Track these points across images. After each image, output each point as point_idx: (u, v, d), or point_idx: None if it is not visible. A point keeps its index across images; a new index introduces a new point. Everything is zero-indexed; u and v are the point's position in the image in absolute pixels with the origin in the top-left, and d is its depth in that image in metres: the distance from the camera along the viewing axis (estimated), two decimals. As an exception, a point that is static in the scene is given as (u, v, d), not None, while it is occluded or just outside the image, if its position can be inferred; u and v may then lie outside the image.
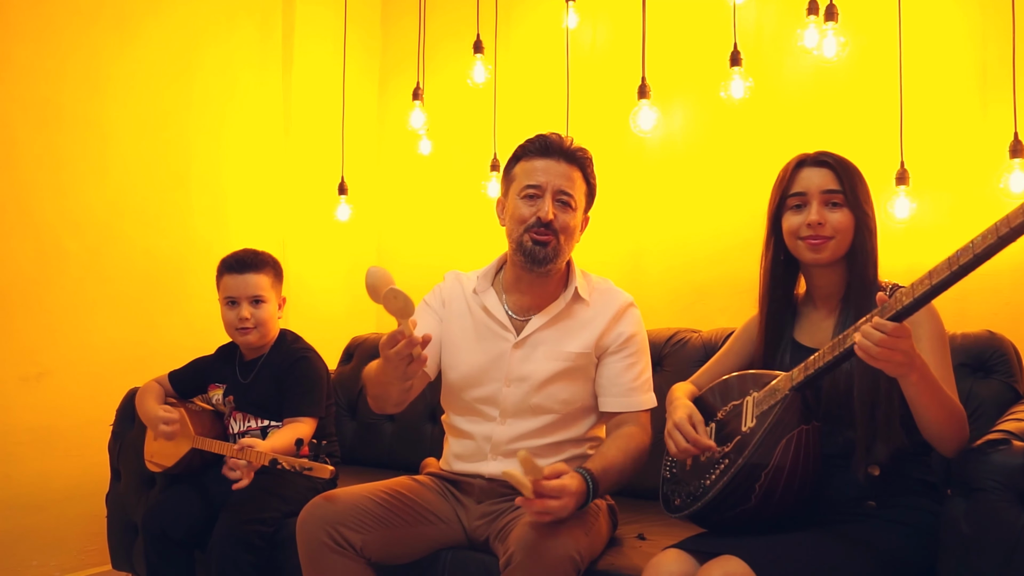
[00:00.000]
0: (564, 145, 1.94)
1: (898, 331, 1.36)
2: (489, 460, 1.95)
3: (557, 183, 1.89)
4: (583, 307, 1.97)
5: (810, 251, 1.67)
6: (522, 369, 1.93)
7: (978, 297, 2.41)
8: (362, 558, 1.79)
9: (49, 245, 2.76)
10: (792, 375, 1.55)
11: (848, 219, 1.66)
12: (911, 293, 1.34)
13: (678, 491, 1.71)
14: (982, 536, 1.38)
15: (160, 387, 2.45)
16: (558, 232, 1.88)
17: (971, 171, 2.46)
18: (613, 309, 1.97)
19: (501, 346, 1.96)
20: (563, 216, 1.90)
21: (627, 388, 1.92)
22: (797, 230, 1.68)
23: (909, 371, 1.41)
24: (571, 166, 1.93)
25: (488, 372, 1.95)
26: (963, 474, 1.43)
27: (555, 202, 1.89)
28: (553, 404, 1.93)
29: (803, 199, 1.68)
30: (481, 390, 1.96)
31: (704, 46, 2.88)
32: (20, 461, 2.70)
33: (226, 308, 2.40)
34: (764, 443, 1.53)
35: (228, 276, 2.39)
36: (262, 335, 2.40)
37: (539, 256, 1.88)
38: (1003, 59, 2.36)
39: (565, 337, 1.94)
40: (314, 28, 3.54)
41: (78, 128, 2.84)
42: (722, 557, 1.44)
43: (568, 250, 1.94)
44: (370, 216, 3.72)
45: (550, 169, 1.91)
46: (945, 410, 1.48)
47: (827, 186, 1.67)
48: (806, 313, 1.77)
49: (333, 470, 1.89)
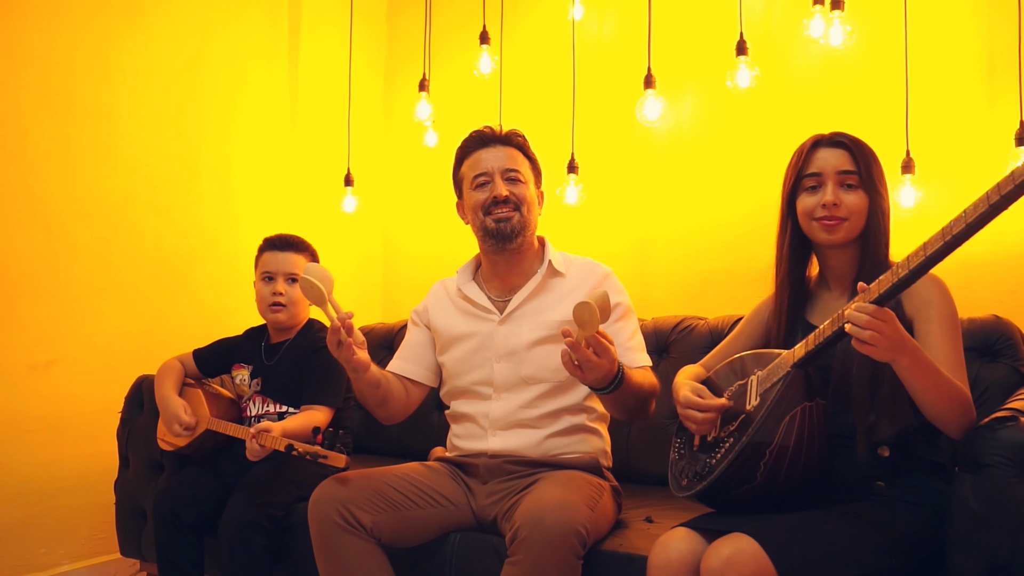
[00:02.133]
0: (498, 132, 2.07)
1: (881, 313, 1.38)
2: (489, 437, 2.00)
3: (501, 164, 2.02)
4: (561, 280, 2.06)
5: (824, 231, 1.67)
6: (509, 343, 2.02)
7: (984, 285, 2.42)
8: (373, 538, 1.81)
9: (58, 234, 2.78)
10: (794, 352, 1.56)
11: (863, 200, 1.66)
12: (894, 275, 1.36)
13: (686, 471, 1.72)
14: (991, 512, 1.39)
15: (181, 366, 2.47)
16: (518, 204, 2.01)
17: (977, 159, 2.47)
18: (593, 279, 2.05)
19: (487, 327, 2.05)
20: (516, 189, 2.02)
21: (623, 348, 1.96)
22: (812, 210, 1.68)
23: (899, 355, 1.42)
24: (509, 148, 2.05)
25: (478, 353, 2.04)
26: (971, 451, 1.44)
27: (505, 180, 2.02)
28: (543, 373, 1.99)
29: (819, 179, 1.68)
30: (475, 372, 2.04)
31: (710, 35, 2.89)
32: (29, 449, 2.71)
33: (262, 283, 2.45)
34: (767, 421, 1.54)
35: (269, 253, 2.46)
36: (292, 315, 2.45)
37: (505, 231, 2.00)
38: (1009, 47, 2.36)
39: (547, 308, 2.02)
40: (321, 18, 3.55)
41: (87, 118, 2.85)
42: (731, 535, 1.45)
43: (532, 221, 2.04)
44: (376, 207, 3.74)
45: (491, 155, 2.04)
46: (942, 394, 1.48)
47: (843, 167, 1.67)
48: (819, 294, 1.77)
49: (348, 459, 1.91)
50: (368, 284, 3.73)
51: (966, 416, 1.51)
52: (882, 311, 1.38)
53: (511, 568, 1.65)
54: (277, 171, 3.45)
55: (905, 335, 1.42)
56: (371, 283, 3.74)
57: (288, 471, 2.24)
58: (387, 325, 3.15)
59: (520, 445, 1.98)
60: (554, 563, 1.62)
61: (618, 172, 3.10)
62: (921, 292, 1.59)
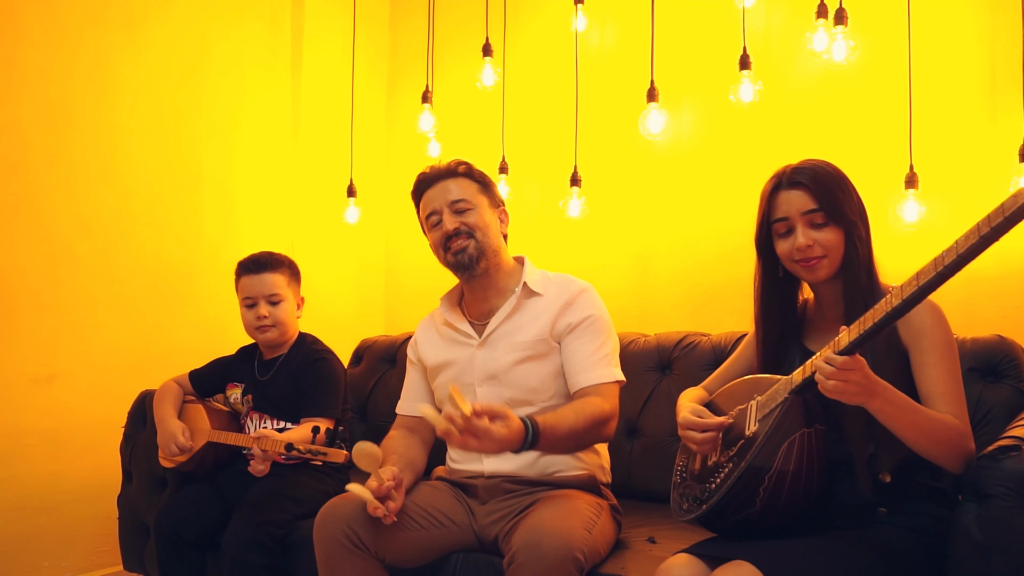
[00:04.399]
0: (440, 168, 2.10)
1: (847, 364, 1.39)
2: (483, 459, 2.01)
3: (446, 198, 2.05)
4: (537, 300, 2.07)
5: (806, 272, 1.68)
6: (488, 367, 2.04)
7: (986, 302, 2.41)
8: (377, 559, 1.81)
9: (59, 247, 2.78)
10: (792, 379, 1.55)
11: (836, 235, 1.64)
12: (866, 322, 1.38)
13: (686, 495, 1.72)
14: (994, 543, 1.39)
15: (179, 387, 2.49)
16: (471, 231, 2.02)
17: (980, 175, 2.46)
18: (565, 296, 2.05)
19: (467, 352, 2.08)
20: (466, 219, 2.04)
21: (584, 364, 1.97)
22: (789, 254, 1.68)
23: (869, 399, 1.43)
24: (452, 179, 2.08)
25: (459, 379, 2.06)
26: (974, 480, 1.43)
27: (453, 212, 2.04)
28: (524, 394, 2.00)
29: (788, 224, 1.68)
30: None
31: (713, 49, 2.88)
32: (31, 463, 2.71)
33: (245, 309, 2.45)
34: (766, 446, 1.53)
35: (245, 277, 2.45)
36: (281, 333, 2.45)
37: (464, 261, 2.02)
38: (1012, 63, 2.36)
39: (521, 329, 2.04)
40: (323, 30, 3.55)
41: (88, 130, 2.85)
42: (733, 562, 1.45)
43: (491, 243, 2.05)
44: (379, 218, 3.73)
45: (436, 192, 2.07)
46: (923, 432, 1.48)
47: (805, 207, 1.65)
48: (815, 320, 1.77)
49: (347, 454, 1.93)
50: (370, 295, 3.73)
51: (959, 450, 1.50)
52: (850, 360, 1.39)
53: None
54: (279, 182, 3.45)
55: (874, 380, 1.43)
56: (373, 294, 3.74)
57: (289, 488, 2.25)
58: (389, 338, 3.15)
59: (515, 467, 1.98)
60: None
61: (620, 185, 3.10)
62: (915, 321, 1.58)
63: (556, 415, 1.80)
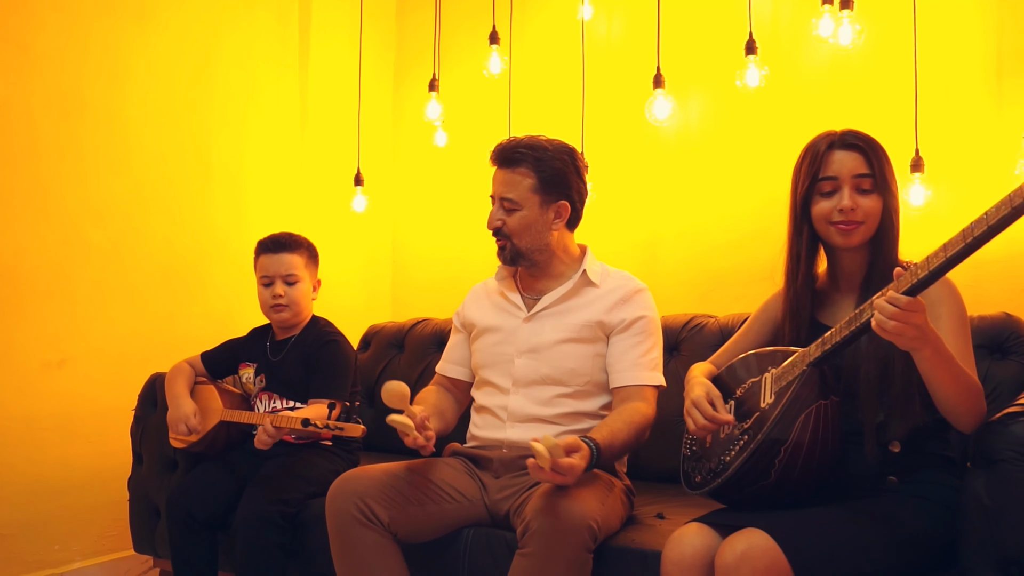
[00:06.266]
0: (502, 152, 2.08)
1: (912, 304, 1.37)
2: (507, 428, 2.03)
3: (500, 190, 2.07)
4: (592, 289, 2.09)
5: (841, 236, 1.67)
6: (531, 341, 2.07)
7: (994, 283, 2.42)
8: (390, 533, 1.83)
9: (71, 235, 2.80)
10: (809, 351, 1.57)
11: (878, 203, 1.66)
12: (926, 266, 1.35)
13: (699, 468, 1.73)
14: (1002, 507, 1.40)
15: (191, 368, 2.50)
16: (509, 236, 2.05)
17: (987, 158, 2.47)
18: (622, 292, 2.07)
19: (513, 323, 2.11)
20: (509, 219, 2.05)
21: (632, 364, 2.00)
22: (828, 215, 1.67)
23: (922, 345, 1.42)
24: (510, 170, 2.06)
25: (501, 346, 2.10)
26: (983, 446, 1.45)
27: (500, 209, 2.06)
28: (561, 374, 2.02)
29: (835, 184, 1.66)
30: (497, 365, 2.09)
31: (719, 35, 2.90)
32: (42, 447, 2.73)
33: (262, 288, 2.47)
34: (783, 419, 1.55)
35: (264, 256, 2.47)
36: (295, 313, 2.46)
37: (504, 259, 2.09)
38: (1019, 46, 2.37)
39: (572, 312, 2.07)
40: (330, 18, 3.57)
41: (100, 119, 2.87)
42: (745, 530, 1.46)
43: (533, 243, 2.06)
44: (386, 207, 3.75)
45: (497, 178, 2.09)
46: (961, 385, 1.49)
47: (859, 170, 1.65)
48: (828, 294, 1.78)
49: (364, 429, 1.98)
50: (377, 283, 3.74)
51: (979, 409, 1.52)
52: (913, 302, 1.37)
53: (521, 559, 1.67)
54: (287, 171, 3.47)
55: (930, 327, 1.42)
56: (380, 282, 3.75)
57: (300, 467, 2.26)
58: (397, 324, 3.17)
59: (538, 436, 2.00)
60: (564, 555, 1.64)
61: (627, 172, 3.11)
62: (931, 291, 1.59)
63: (611, 431, 1.82)
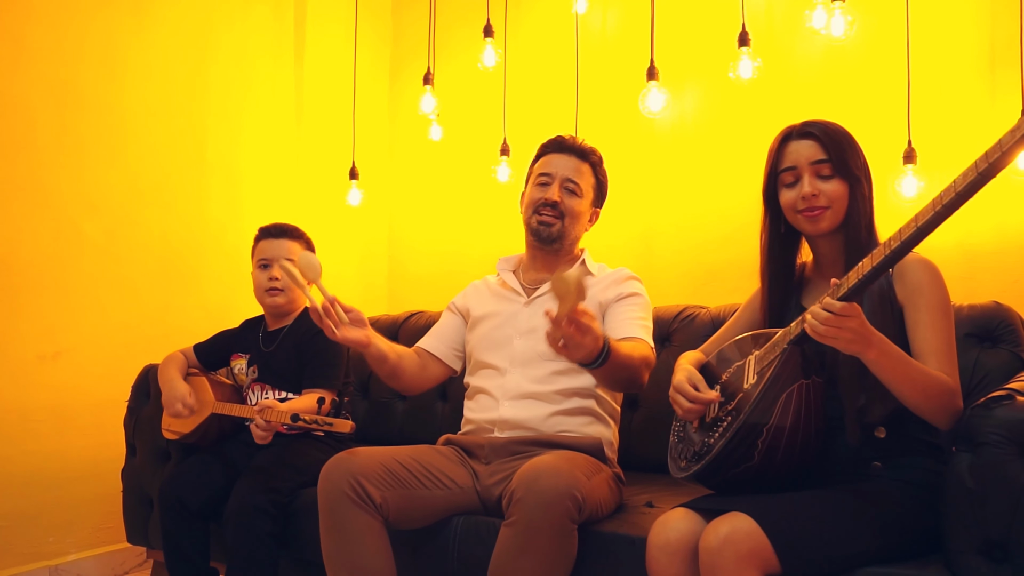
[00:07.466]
0: (576, 143, 2.20)
1: (844, 310, 1.40)
2: (500, 407, 2.06)
3: (565, 172, 2.15)
4: (590, 278, 2.14)
5: (808, 223, 1.69)
6: (531, 322, 2.12)
7: (987, 274, 2.42)
8: (380, 515, 1.83)
9: (66, 227, 2.80)
10: (789, 329, 1.57)
11: (841, 188, 1.67)
12: (864, 266, 1.40)
13: (684, 452, 1.73)
14: (987, 490, 1.40)
15: (184, 357, 2.52)
16: (564, 214, 2.13)
17: (979, 149, 2.44)
18: (617, 276, 2.16)
19: (513, 307, 2.19)
20: (568, 200, 2.14)
21: (629, 323, 2.04)
22: (794, 204, 1.70)
23: (864, 348, 1.44)
24: (581, 160, 2.18)
25: (501, 329, 2.15)
26: (967, 429, 1.45)
27: (562, 188, 2.14)
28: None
29: (795, 173, 1.70)
30: (496, 348, 2.14)
31: (713, 27, 2.90)
32: (37, 439, 2.73)
33: (258, 271, 2.50)
34: (764, 398, 1.55)
35: (264, 241, 2.52)
36: (289, 300, 2.49)
37: (544, 234, 2.14)
38: (1011, 38, 2.37)
39: None
40: (326, 12, 3.58)
41: (95, 111, 2.88)
42: (729, 514, 1.46)
43: (573, 232, 2.16)
44: (381, 201, 3.76)
45: (561, 161, 2.17)
46: (915, 386, 1.49)
47: (815, 157, 1.68)
48: (814, 280, 1.79)
49: (353, 425, 1.99)
50: (373, 277, 3.75)
51: (948, 407, 1.52)
52: (847, 307, 1.40)
53: (506, 530, 1.69)
54: (283, 165, 3.47)
55: (870, 330, 1.44)
56: (376, 276, 3.76)
57: (292, 457, 2.27)
58: (391, 316, 3.17)
59: (529, 416, 2.03)
60: (549, 524, 1.65)
61: (621, 164, 3.10)
62: (912, 278, 1.60)
63: (618, 343, 1.81)
